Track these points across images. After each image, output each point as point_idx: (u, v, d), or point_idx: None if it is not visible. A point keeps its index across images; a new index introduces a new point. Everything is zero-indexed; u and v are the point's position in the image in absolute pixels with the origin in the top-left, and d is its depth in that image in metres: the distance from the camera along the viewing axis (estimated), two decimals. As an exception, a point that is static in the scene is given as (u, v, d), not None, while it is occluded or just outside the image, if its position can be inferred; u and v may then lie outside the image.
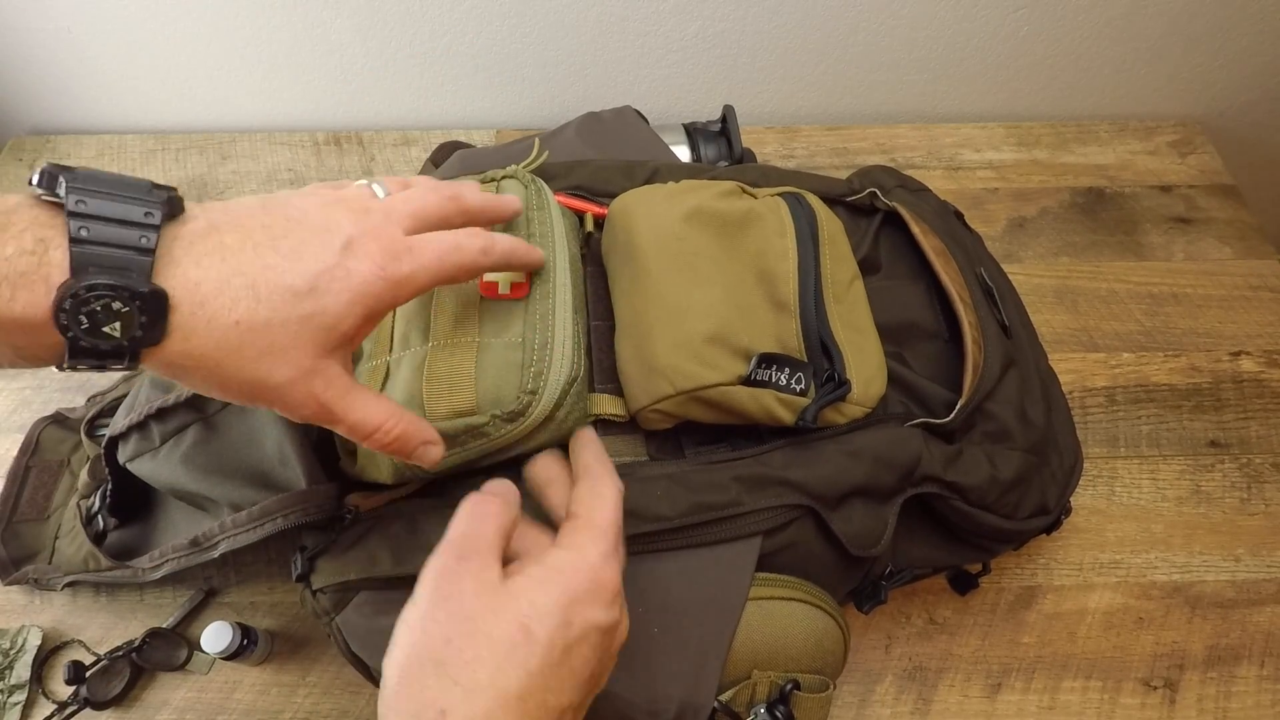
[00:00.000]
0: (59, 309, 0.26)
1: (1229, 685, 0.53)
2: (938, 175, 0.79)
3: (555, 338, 0.40)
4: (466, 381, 0.39)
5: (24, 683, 0.51)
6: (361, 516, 0.42)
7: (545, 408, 0.39)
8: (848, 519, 0.43)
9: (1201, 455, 0.63)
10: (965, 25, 0.77)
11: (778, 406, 0.42)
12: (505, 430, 0.39)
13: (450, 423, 0.38)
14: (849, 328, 0.45)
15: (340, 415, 0.32)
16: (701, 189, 0.49)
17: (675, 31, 0.76)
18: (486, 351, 0.40)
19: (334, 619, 0.41)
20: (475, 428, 0.38)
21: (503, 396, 0.39)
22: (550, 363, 0.39)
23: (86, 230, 0.26)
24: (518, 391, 0.39)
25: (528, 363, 0.39)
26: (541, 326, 0.40)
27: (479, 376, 0.39)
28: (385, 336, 0.43)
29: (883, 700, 0.52)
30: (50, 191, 0.27)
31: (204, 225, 0.29)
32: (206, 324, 0.28)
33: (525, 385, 0.39)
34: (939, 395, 0.47)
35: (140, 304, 0.27)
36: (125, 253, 0.27)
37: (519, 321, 0.41)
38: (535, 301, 0.41)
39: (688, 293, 0.44)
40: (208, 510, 0.48)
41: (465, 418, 0.38)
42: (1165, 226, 0.76)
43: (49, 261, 0.26)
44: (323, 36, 0.75)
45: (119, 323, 0.26)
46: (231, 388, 0.30)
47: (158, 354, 0.28)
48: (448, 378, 0.39)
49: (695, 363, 0.41)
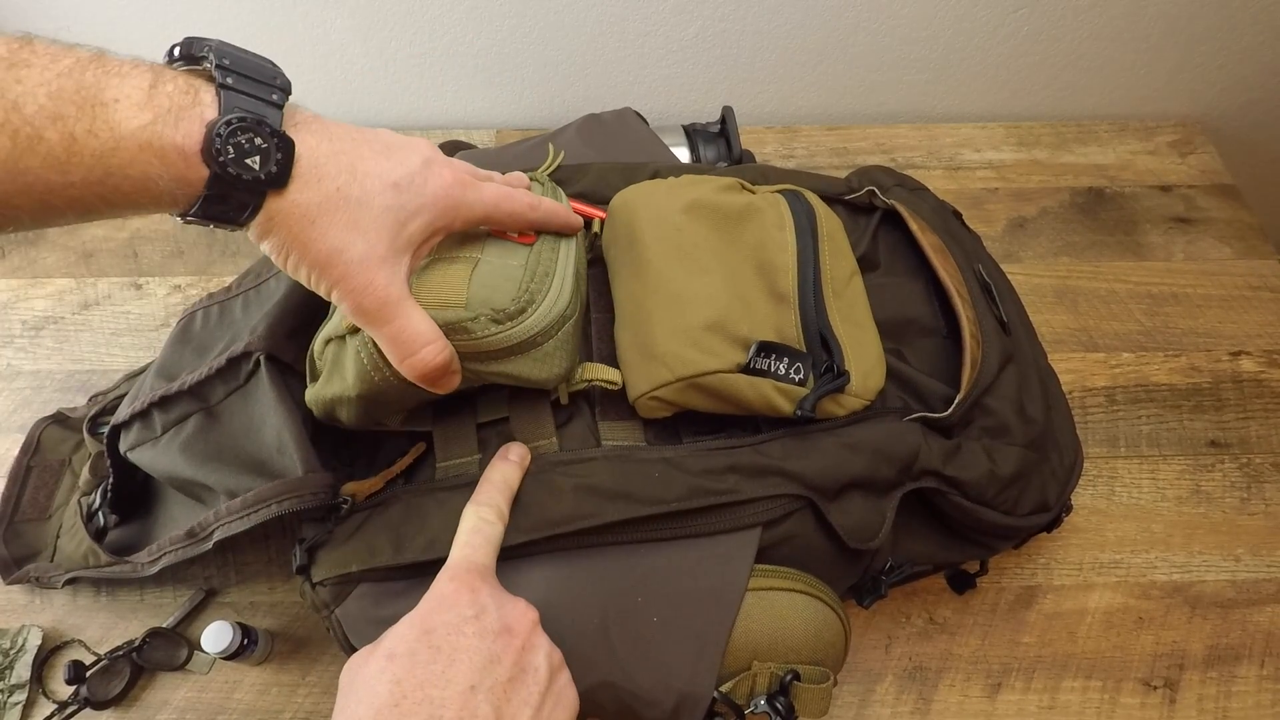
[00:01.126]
0: (213, 135, 0.30)
1: (1229, 685, 0.53)
2: (938, 175, 0.80)
3: (557, 271, 0.41)
4: (459, 282, 0.39)
5: (24, 682, 0.51)
6: (358, 505, 0.42)
7: (537, 322, 0.39)
8: (845, 511, 0.43)
9: (1201, 455, 0.63)
10: (965, 25, 0.77)
11: (776, 396, 0.42)
12: (491, 331, 0.38)
13: (433, 314, 0.37)
14: (848, 322, 0.45)
15: (393, 315, 0.35)
16: (701, 183, 0.50)
17: (675, 32, 0.76)
18: (485, 265, 0.40)
19: (334, 611, 0.41)
20: (459, 322, 0.38)
21: (495, 299, 0.39)
22: (548, 290, 0.40)
23: (231, 80, 0.31)
24: (513, 296, 0.39)
25: (527, 279, 0.40)
26: (547, 259, 0.41)
27: (473, 280, 0.39)
28: None
29: (883, 700, 0.53)
30: (190, 60, 0.32)
31: (311, 115, 0.35)
32: (318, 181, 0.33)
33: (521, 294, 0.39)
34: (937, 390, 0.47)
35: (278, 141, 0.31)
36: (261, 104, 0.31)
37: (523, 255, 0.41)
38: (543, 243, 0.42)
39: (687, 282, 0.44)
40: (205, 502, 0.48)
41: (451, 309, 0.38)
42: (1165, 226, 0.76)
43: (201, 101, 0.30)
44: (323, 36, 0.75)
45: (258, 157, 0.31)
46: (311, 252, 0.33)
47: (275, 202, 0.32)
48: (442, 277, 0.39)
49: (694, 349, 0.41)
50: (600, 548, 0.41)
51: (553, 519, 0.40)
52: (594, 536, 0.41)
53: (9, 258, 0.72)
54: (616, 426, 0.44)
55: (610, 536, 0.41)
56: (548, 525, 0.40)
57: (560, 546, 0.41)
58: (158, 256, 0.72)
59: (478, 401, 0.45)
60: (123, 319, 0.68)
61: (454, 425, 0.44)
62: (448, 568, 0.37)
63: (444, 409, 0.44)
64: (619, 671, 0.39)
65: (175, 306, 0.69)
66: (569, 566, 0.41)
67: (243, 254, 0.72)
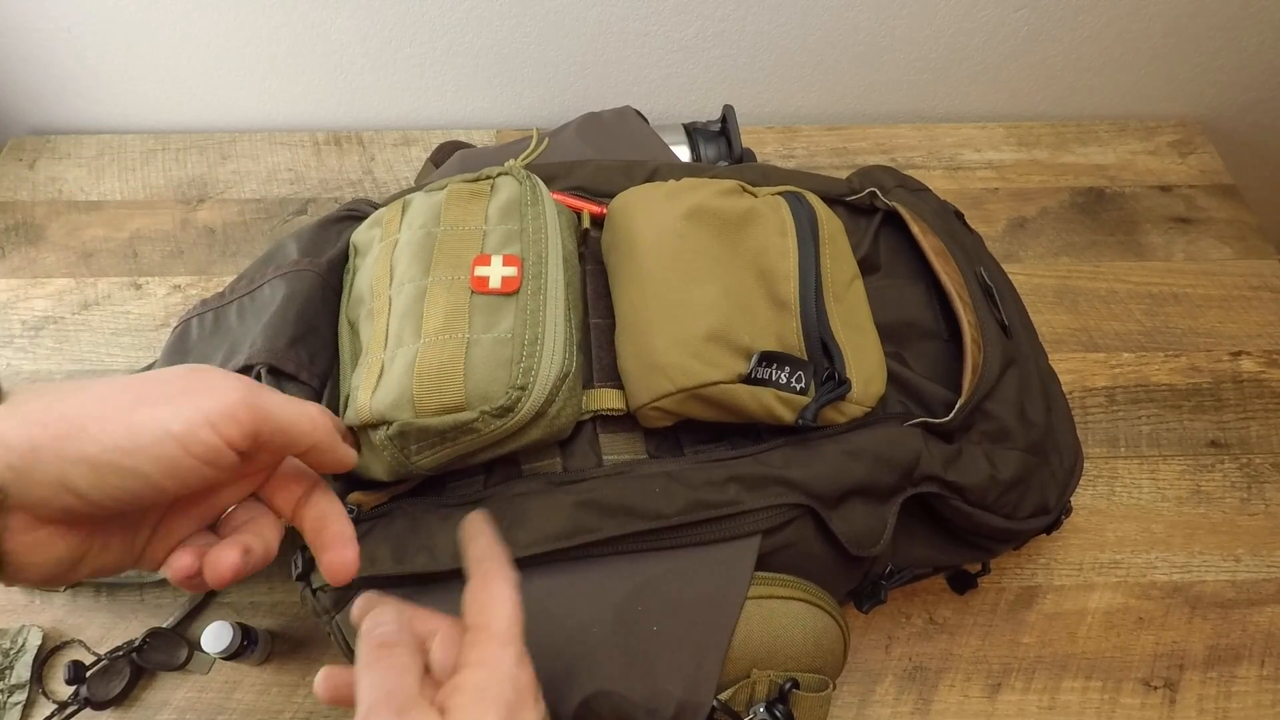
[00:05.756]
0: None
1: (1229, 685, 0.53)
2: (938, 175, 0.79)
3: (546, 333, 0.40)
4: (455, 378, 0.39)
5: (24, 682, 0.51)
6: (363, 515, 0.42)
7: (535, 403, 0.39)
8: (847, 518, 0.43)
9: (1201, 455, 0.63)
10: (965, 25, 0.77)
11: (778, 405, 0.42)
12: (495, 426, 0.39)
13: (440, 419, 0.38)
14: (849, 327, 0.45)
15: None
16: (702, 187, 0.49)
17: (675, 31, 0.76)
18: (476, 347, 0.40)
19: (334, 617, 0.41)
20: (465, 424, 0.38)
21: (491, 392, 0.39)
22: (540, 358, 0.39)
23: None
24: (506, 387, 0.39)
25: (517, 358, 0.39)
26: (532, 322, 0.40)
27: (468, 373, 0.39)
28: (380, 334, 0.43)
29: (883, 700, 0.52)
30: None
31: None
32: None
33: (515, 381, 0.39)
34: (938, 395, 0.47)
35: None
36: None
37: (509, 316, 0.41)
38: (527, 297, 0.41)
39: (688, 290, 0.44)
40: None
41: (455, 414, 0.38)
42: (1165, 226, 0.76)
43: None
44: (323, 36, 0.75)
45: None
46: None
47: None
48: (437, 375, 0.39)
49: (696, 360, 0.41)
50: (600, 557, 0.41)
51: (552, 534, 0.40)
52: (594, 547, 0.41)
53: (9, 258, 0.72)
54: (617, 439, 0.44)
55: (610, 547, 0.41)
56: (547, 540, 0.40)
57: (559, 558, 0.41)
58: (157, 256, 0.72)
59: None
60: (123, 319, 0.68)
61: None
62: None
63: None
64: (618, 679, 0.39)
65: (175, 306, 0.69)
66: (568, 575, 0.41)
67: (243, 254, 0.72)
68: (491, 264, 0.42)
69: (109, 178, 0.78)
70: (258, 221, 0.75)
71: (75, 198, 0.76)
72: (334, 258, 0.51)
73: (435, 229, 0.45)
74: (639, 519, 0.40)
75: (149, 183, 0.78)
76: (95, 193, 0.77)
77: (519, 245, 0.44)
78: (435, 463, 0.40)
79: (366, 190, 0.78)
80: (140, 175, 0.78)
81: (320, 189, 0.78)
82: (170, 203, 0.76)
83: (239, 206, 0.76)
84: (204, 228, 0.74)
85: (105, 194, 0.77)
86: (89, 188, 0.77)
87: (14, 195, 0.76)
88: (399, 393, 0.39)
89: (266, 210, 0.76)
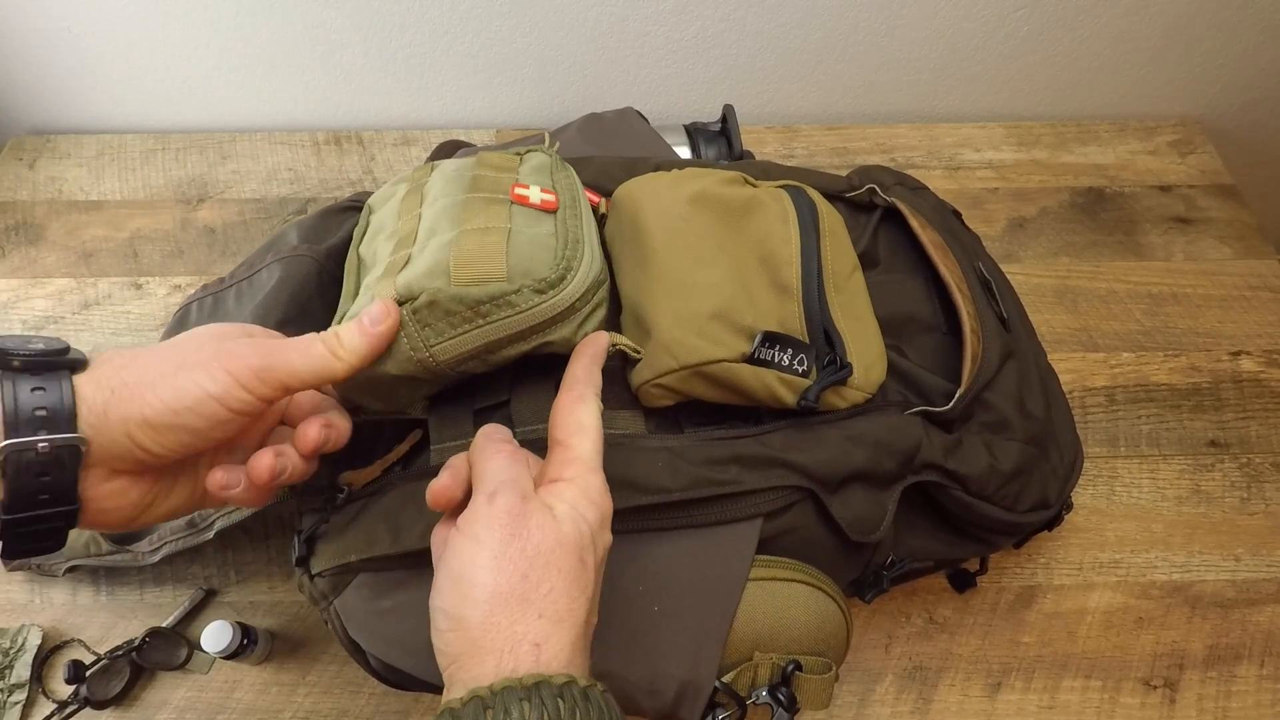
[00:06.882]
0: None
1: (1229, 685, 0.53)
2: (938, 175, 0.80)
3: (585, 238, 0.41)
4: (498, 254, 0.38)
5: (24, 682, 0.51)
6: (354, 493, 0.42)
7: (578, 288, 0.38)
8: (848, 504, 0.43)
9: (1201, 455, 0.63)
10: (965, 25, 0.77)
11: (780, 386, 0.42)
12: (534, 302, 0.37)
13: (477, 289, 0.37)
14: (849, 316, 0.45)
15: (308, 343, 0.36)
16: (705, 175, 0.50)
17: (675, 32, 0.77)
18: (519, 236, 0.39)
19: (331, 603, 0.41)
20: (502, 295, 0.37)
21: (535, 268, 0.38)
22: (582, 256, 0.39)
23: None
24: (552, 264, 0.38)
25: (561, 246, 0.39)
26: (573, 227, 0.41)
27: (511, 251, 0.38)
28: (410, 233, 0.42)
29: (883, 700, 0.52)
30: None
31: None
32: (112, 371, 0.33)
33: (559, 261, 0.38)
34: (938, 386, 0.47)
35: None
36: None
37: (550, 222, 0.41)
38: (565, 215, 0.42)
39: (692, 271, 0.44)
40: None
41: (494, 283, 0.37)
42: (1165, 226, 0.76)
43: None
44: (323, 36, 0.75)
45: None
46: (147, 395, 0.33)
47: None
48: (478, 249, 0.38)
49: (699, 338, 0.41)
50: None
51: None
52: None
53: (9, 258, 0.72)
54: (618, 415, 0.44)
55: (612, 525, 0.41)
56: None
57: None
58: (158, 256, 0.72)
59: (477, 386, 0.44)
60: (123, 319, 0.68)
61: (450, 410, 0.43)
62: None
63: (442, 395, 0.44)
64: (620, 660, 0.39)
65: (175, 306, 0.69)
66: None
67: (243, 254, 0.72)
68: (530, 189, 0.43)
69: (109, 177, 0.78)
70: (258, 221, 0.75)
71: (75, 197, 0.76)
72: (334, 245, 0.51)
73: (469, 173, 0.45)
74: (641, 493, 0.40)
75: (149, 182, 0.78)
76: (95, 192, 0.77)
77: (553, 187, 0.44)
78: (455, 354, 0.38)
79: (366, 190, 0.78)
80: (140, 175, 0.78)
81: (320, 189, 0.78)
82: (170, 202, 0.76)
83: (239, 206, 0.76)
84: (204, 227, 0.74)
85: (105, 194, 0.77)
86: (89, 187, 0.77)
87: (14, 195, 0.76)
88: (433, 264, 0.38)
89: (266, 210, 0.76)
